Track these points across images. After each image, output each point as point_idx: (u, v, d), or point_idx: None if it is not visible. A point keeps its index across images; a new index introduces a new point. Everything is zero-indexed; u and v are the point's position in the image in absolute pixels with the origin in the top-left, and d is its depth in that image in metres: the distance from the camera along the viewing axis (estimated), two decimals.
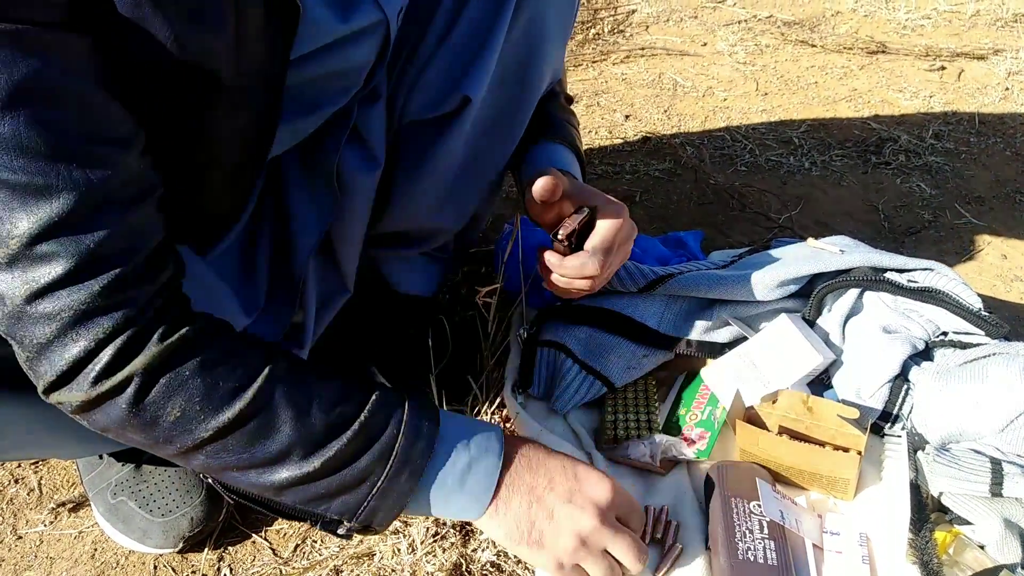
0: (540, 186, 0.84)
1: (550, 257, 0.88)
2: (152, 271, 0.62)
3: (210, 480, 0.90)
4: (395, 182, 0.91)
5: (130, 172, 0.59)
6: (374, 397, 0.69)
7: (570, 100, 1.06)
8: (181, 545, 0.93)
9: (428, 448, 0.70)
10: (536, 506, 0.73)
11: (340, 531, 0.72)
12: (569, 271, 0.87)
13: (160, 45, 0.58)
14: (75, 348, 0.58)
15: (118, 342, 0.59)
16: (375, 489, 0.68)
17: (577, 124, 1.03)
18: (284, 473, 0.66)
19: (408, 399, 0.71)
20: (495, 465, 0.73)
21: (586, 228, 0.88)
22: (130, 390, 0.60)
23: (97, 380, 0.59)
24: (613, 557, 0.75)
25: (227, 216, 0.81)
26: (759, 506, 0.85)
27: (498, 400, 1.05)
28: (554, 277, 0.90)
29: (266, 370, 0.65)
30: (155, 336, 0.61)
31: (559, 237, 0.87)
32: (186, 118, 0.65)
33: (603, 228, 0.87)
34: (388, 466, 0.68)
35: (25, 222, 0.55)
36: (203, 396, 0.62)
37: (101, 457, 0.98)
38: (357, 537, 0.93)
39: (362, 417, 0.67)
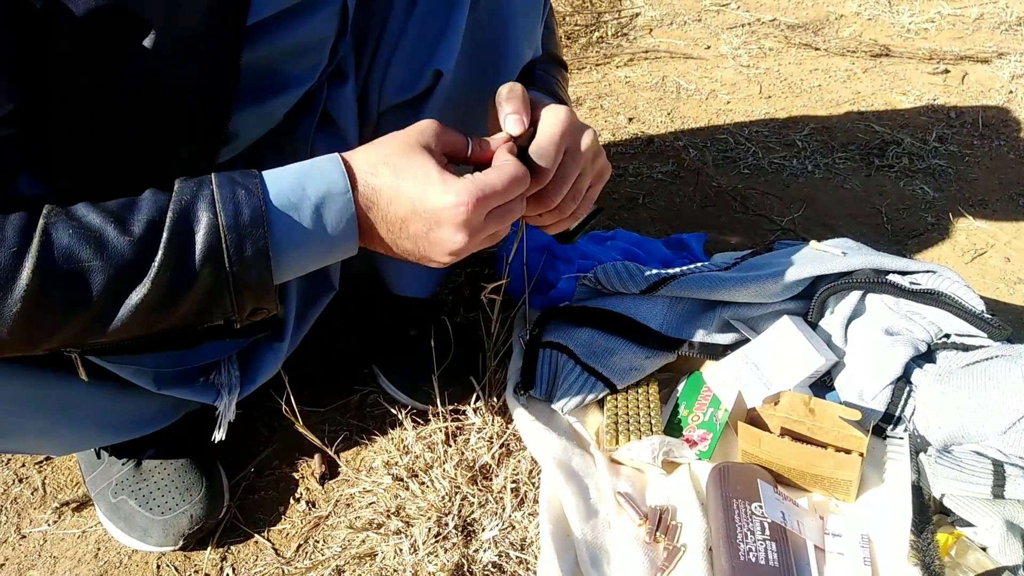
0: (511, 107, 0.75)
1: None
2: None
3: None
4: None
5: None
6: (175, 191, 0.63)
7: (564, 65, 1.00)
8: (182, 543, 0.93)
9: (258, 217, 0.63)
10: (401, 239, 0.69)
11: (237, 326, 0.69)
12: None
13: None
14: None
15: None
16: (228, 278, 0.64)
17: (563, 79, 0.96)
18: (128, 310, 0.62)
19: (215, 175, 0.65)
20: (347, 201, 0.66)
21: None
22: None
23: None
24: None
25: None
26: (761, 507, 0.85)
27: (500, 401, 1.06)
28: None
29: (40, 222, 0.60)
30: None
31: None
32: (123, 69, 0.64)
33: (541, 130, 0.75)
34: (225, 253, 0.63)
35: None
36: None
37: (100, 456, 0.98)
38: (359, 536, 0.94)
39: (169, 218, 0.62)
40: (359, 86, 0.89)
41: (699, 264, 1.12)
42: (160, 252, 0.62)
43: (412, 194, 0.67)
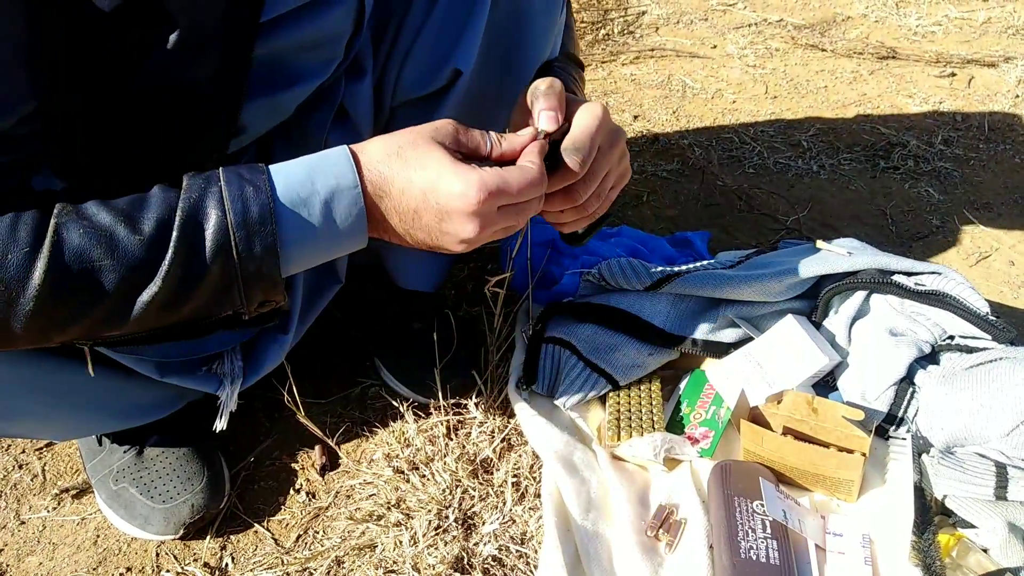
0: (548, 102, 0.74)
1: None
2: None
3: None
4: None
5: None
6: (183, 188, 0.64)
7: (580, 64, 1.00)
8: (182, 532, 0.93)
9: (266, 214, 0.64)
10: (414, 229, 0.69)
11: (245, 317, 0.69)
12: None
13: None
14: None
15: None
16: (238, 274, 0.64)
17: (580, 78, 0.96)
18: (139, 307, 0.63)
19: (223, 171, 0.65)
20: (356, 195, 0.66)
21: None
22: None
23: None
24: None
25: None
26: (762, 505, 0.85)
27: (502, 395, 1.06)
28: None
29: (52, 221, 0.61)
30: None
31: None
32: (144, 60, 0.64)
33: (577, 126, 0.74)
34: (234, 251, 0.63)
35: None
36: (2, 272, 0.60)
37: (102, 443, 0.98)
38: (359, 527, 0.94)
39: (178, 216, 0.62)
40: (375, 80, 0.89)
41: (703, 262, 1.12)
42: (170, 252, 0.62)
43: (423, 184, 0.66)
